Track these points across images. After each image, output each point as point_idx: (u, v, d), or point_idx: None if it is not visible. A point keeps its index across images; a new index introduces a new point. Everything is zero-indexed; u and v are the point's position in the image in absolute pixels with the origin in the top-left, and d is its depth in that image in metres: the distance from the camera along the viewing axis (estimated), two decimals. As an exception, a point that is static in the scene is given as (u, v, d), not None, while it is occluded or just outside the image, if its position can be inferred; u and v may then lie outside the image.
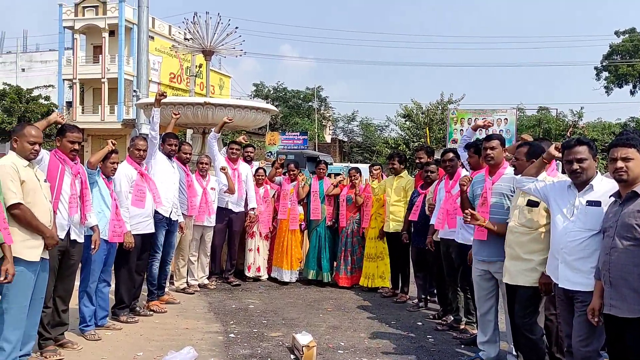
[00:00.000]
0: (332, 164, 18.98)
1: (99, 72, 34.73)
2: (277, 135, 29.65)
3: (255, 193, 7.87)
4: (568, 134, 26.34)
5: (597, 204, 3.55)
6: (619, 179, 3.34)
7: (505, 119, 21.43)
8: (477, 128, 6.01)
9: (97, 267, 5.17)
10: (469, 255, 4.91)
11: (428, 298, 6.87)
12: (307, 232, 8.20)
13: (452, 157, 5.91)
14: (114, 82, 34.52)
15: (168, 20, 37.82)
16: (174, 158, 6.56)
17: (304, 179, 8.18)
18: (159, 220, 6.07)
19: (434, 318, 6.26)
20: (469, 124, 20.75)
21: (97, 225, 4.92)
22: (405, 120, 33.59)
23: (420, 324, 6.05)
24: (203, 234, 7.32)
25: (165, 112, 7.46)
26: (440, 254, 5.91)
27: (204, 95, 12.68)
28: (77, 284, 5.05)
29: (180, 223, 6.52)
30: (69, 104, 36.06)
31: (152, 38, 29.54)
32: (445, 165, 5.94)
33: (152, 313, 6.05)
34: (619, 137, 3.49)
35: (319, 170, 8.13)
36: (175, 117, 7.01)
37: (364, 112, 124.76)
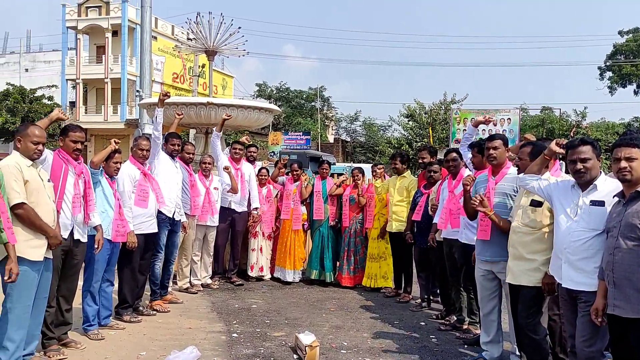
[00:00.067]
0: (334, 164, 18.97)
1: (102, 72, 34.80)
2: (279, 135, 29.65)
3: (258, 193, 7.87)
4: (571, 134, 26.26)
5: (600, 204, 3.55)
6: (623, 179, 3.34)
7: (509, 119, 21.41)
8: (478, 124, 5.97)
9: (100, 266, 5.18)
10: (473, 256, 4.90)
11: (431, 298, 6.87)
12: (309, 232, 8.20)
13: (455, 157, 5.90)
14: (117, 82, 34.59)
15: (171, 21, 37.98)
16: (177, 158, 6.57)
17: (307, 179, 8.19)
18: (162, 220, 6.08)
19: (437, 318, 6.26)
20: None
21: (100, 225, 4.93)
22: (408, 120, 33.54)
23: (423, 324, 6.05)
24: (206, 234, 7.32)
25: (169, 112, 7.46)
26: (443, 254, 5.91)
27: (207, 95, 12.69)
28: (80, 284, 5.07)
29: (183, 223, 6.53)
30: (72, 104, 36.14)
31: (155, 38, 29.57)
32: (449, 165, 5.93)
33: (155, 313, 6.06)
34: (623, 137, 3.48)
35: (322, 170, 8.12)
36: (179, 117, 7.02)
37: (367, 112, 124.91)
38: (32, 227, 4.00)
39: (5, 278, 3.78)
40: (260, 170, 8.15)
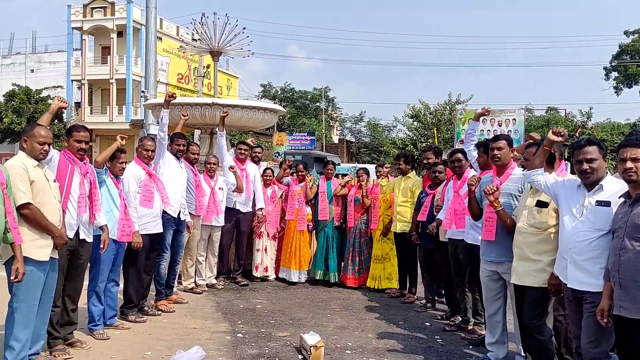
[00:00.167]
0: (339, 165, 18.97)
1: (107, 72, 34.89)
2: (284, 136, 29.66)
3: (263, 193, 7.88)
4: (577, 135, 26.20)
5: (606, 204, 3.53)
6: (629, 180, 3.32)
7: (514, 120, 21.32)
8: (479, 117, 6.01)
9: (105, 266, 5.20)
10: None
11: (436, 299, 6.86)
12: (314, 232, 8.20)
13: (460, 157, 5.89)
14: (122, 82, 34.68)
15: (176, 21, 38.04)
16: (182, 158, 6.58)
17: (312, 180, 8.19)
18: (167, 220, 6.09)
19: (442, 319, 6.25)
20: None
21: (106, 225, 4.94)
22: (413, 121, 33.51)
23: (428, 325, 6.04)
24: (211, 234, 7.34)
25: (174, 112, 7.49)
26: (448, 255, 5.90)
27: (212, 96, 12.72)
28: (86, 284, 5.08)
29: (188, 223, 6.54)
30: (78, 105, 36.25)
31: (160, 39, 29.64)
32: (454, 166, 5.92)
33: (160, 313, 6.08)
34: (629, 137, 3.47)
35: (327, 171, 8.12)
36: (184, 118, 7.03)
37: (372, 112, 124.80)
38: (38, 227, 4.02)
39: (12, 278, 3.80)
40: (265, 171, 8.16)
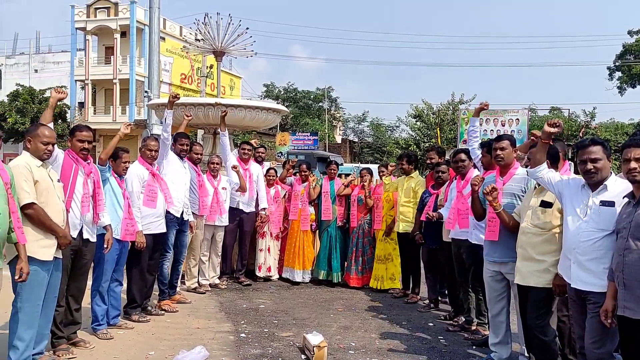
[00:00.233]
0: (342, 165, 18.96)
1: (111, 73, 34.95)
2: (287, 136, 29.66)
3: (266, 193, 7.89)
4: (580, 135, 26.14)
5: (610, 204, 3.52)
6: (633, 180, 3.31)
7: (517, 120, 21.27)
8: (478, 113, 6.08)
9: (109, 266, 5.20)
10: None
11: (439, 299, 6.85)
12: (318, 232, 8.20)
13: (463, 157, 5.87)
14: (126, 82, 34.73)
15: (179, 21, 38.06)
16: (186, 158, 6.59)
17: (315, 180, 8.19)
18: (170, 220, 6.10)
19: (445, 319, 6.24)
20: (480, 125, 20.67)
21: (109, 225, 4.95)
22: (416, 121, 33.49)
23: (432, 325, 6.03)
24: (214, 234, 7.34)
25: (177, 112, 7.49)
26: (452, 255, 5.89)
27: (215, 96, 12.74)
28: (89, 283, 5.09)
29: (190, 222, 6.55)
30: (81, 105, 36.34)
31: (163, 39, 29.69)
32: (457, 166, 5.90)
33: (163, 312, 6.08)
34: (633, 137, 3.46)
35: (330, 171, 8.12)
36: (188, 118, 7.04)
37: (375, 112, 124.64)
38: (41, 227, 4.03)
39: (16, 277, 3.81)
40: (269, 171, 8.16)
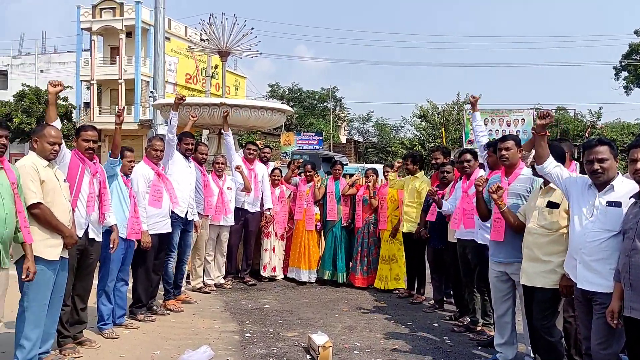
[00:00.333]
0: (347, 165, 18.95)
1: (116, 73, 35.04)
2: (292, 136, 29.70)
3: (271, 193, 7.89)
4: (586, 135, 26.06)
5: (617, 205, 3.50)
6: (639, 180, 3.30)
7: (523, 120, 21.24)
8: (474, 106, 6.22)
9: (115, 266, 5.22)
10: None
11: (444, 299, 6.83)
12: (322, 232, 8.19)
13: (469, 157, 5.87)
14: (131, 83, 34.81)
15: (184, 22, 38.20)
16: (191, 158, 6.60)
17: (320, 180, 8.19)
18: (175, 220, 6.10)
19: (451, 319, 6.23)
20: (486, 125, 20.63)
21: (115, 225, 4.96)
22: (421, 121, 33.45)
23: (437, 325, 6.02)
24: (219, 234, 7.36)
25: (182, 112, 7.49)
26: (457, 255, 5.87)
27: (220, 96, 12.73)
28: (95, 283, 5.11)
29: (195, 222, 6.56)
30: (87, 105, 36.45)
31: (168, 39, 29.72)
32: (463, 166, 5.89)
33: (169, 312, 6.10)
34: (639, 137, 3.44)
35: (335, 171, 8.12)
36: (193, 118, 7.04)
37: (379, 112, 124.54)
38: (48, 226, 4.04)
39: (23, 277, 3.83)
40: (273, 171, 8.17)
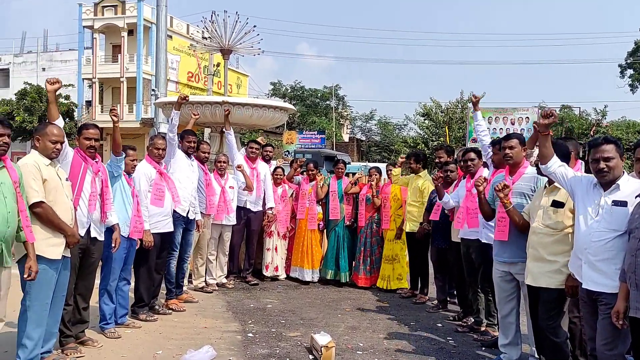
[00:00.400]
0: (349, 164, 18.92)
1: (118, 71, 35.03)
2: (294, 134, 29.69)
3: (274, 192, 7.86)
4: (591, 133, 25.98)
5: (623, 204, 3.47)
6: (646, 179, 3.27)
7: (527, 118, 21.19)
8: (476, 105, 6.13)
9: (117, 265, 5.20)
10: None
11: (448, 299, 6.81)
12: (325, 231, 8.17)
13: (473, 156, 5.83)
14: (133, 81, 34.81)
15: (186, 19, 38.10)
16: (193, 157, 6.58)
17: (323, 179, 8.16)
18: (177, 219, 6.08)
19: (454, 319, 6.20)
20: (489, 123, 20.61)
21: (117, 224, 4.94)
22: (424, 119, 33.33)
23: (440, 326, 5.99)
24: (222, 233, 7.33)
25: (184, 111, 7.45)
26: (461, 255, 5.84)
27: (222, 94, 12.71)
28: (97, 282, 5.09)
29: (197, 221, 6.54)
30: (89, 103, 36.47)
31: (170, 37, 29.67)
32: (467, 165, 5.85)
33: (171, 312, 6.08)
34: (646, 136, 3.41)
35: (338, 170, 8.09)
36: (195, 117, 7.02)
37: (382, 110, 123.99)
38: (50, 225, 4.03)
39: (25, 276, 3.81)
40: (276, 170, 8.14)
